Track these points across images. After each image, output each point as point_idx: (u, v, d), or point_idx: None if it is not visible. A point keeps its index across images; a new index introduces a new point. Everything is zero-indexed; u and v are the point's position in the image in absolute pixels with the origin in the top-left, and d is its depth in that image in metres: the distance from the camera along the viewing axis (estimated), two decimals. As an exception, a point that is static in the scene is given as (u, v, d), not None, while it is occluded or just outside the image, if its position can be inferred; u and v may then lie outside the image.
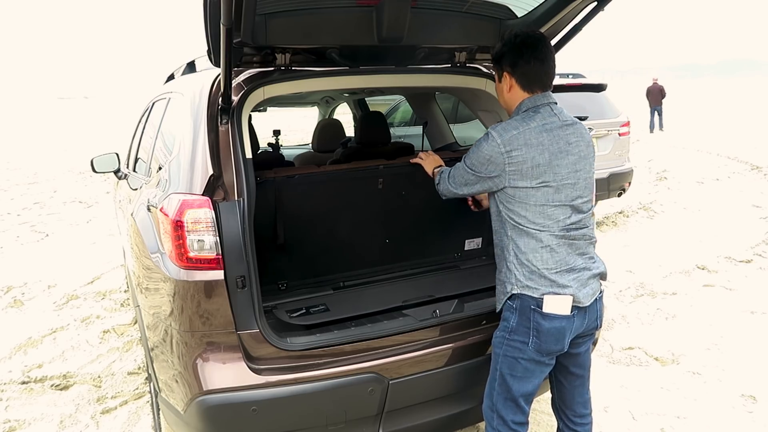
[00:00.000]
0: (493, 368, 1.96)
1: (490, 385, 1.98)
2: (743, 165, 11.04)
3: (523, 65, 1.87)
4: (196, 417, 1.87)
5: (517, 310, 1.87)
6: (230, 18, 1.55)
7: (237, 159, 1.97)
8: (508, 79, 1.91)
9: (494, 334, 1.97)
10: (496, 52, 1.93)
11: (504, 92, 1.95)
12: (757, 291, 4.61)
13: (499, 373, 1.92)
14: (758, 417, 2.90)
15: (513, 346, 1.88)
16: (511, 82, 1.91)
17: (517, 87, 1.90)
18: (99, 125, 24.10)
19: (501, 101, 2.02)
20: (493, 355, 1.96)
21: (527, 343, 1.85)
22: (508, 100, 1.96)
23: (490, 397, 1.97)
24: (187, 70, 2.92)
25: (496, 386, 1.93)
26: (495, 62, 1.95)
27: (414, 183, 2.80)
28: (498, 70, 1.95)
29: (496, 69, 1.96)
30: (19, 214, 8.26)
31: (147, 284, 2.23)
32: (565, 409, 2.12)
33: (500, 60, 1.92)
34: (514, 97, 1.93)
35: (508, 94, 1.94)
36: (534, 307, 1.83)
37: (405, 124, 6.42)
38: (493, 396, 1.95)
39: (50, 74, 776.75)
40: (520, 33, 1.88)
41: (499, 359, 1.92)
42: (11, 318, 4.41)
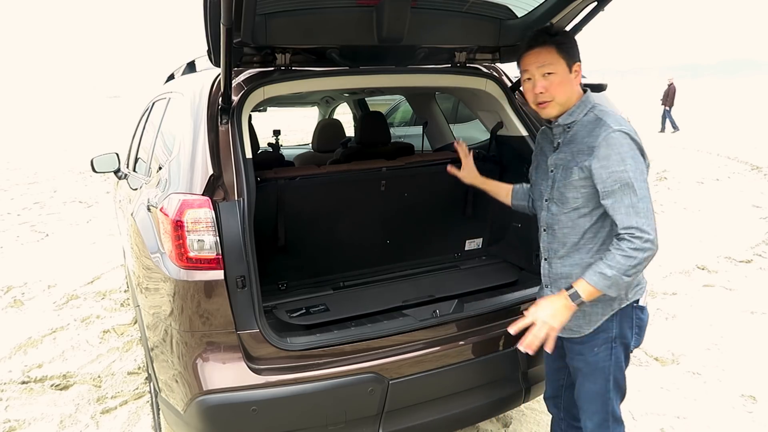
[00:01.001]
0: (603, 382, 1.87)
1: (600, 401, 1.89)
2: (743, 165, 11.04)
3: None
4: (196, 417, 1.87)
5: (618, 315, 1.82)
6: (230, 18, 1.55)
7: (237, 159, 1.98)
8: (578, 69, 1.79)
9: (593, 352, 1.85)
10: (566, 42, 1.79)
11: (573, 84, 1.79)
12: (757, 291, 4.61)
13: (612, 383, 1.87)
14: (758, 417, 2.90)
15: (620, 352, 1.85)
16: (580, 74, 1.80)
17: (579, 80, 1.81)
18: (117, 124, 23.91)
19: (563, 94, 1.79)
20: (601, 373, 1.86)
21: (630, 343, 1.85)
22: (571, 95, 1.80)
23: (603, 411, 1.89)
24: (187, 70, 2.92)
25: (611, 396, 1.88)
26: (566, 50, 1.77)
27: (416, 184, 2.80)
28: (569, 60, 1.77)
29: (566, 58, 1.77)
30: (19, 214, 8.26)
31: (147, 284, 2.23)
32: (572, 410, 2.12)
33: (571, 50, 1.79)
34: (575, 90, 1.81)
35: (576, 87, 1.80)
36: (635, 304, 1.82)
37: (405, 124, 6.42)
38: (609, 406, 1.89)
39: (104, 72, 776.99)
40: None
41: (611, 369, 1.85)
42: (11, 318, 4.41)
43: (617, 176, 1.65)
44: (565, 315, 1.72)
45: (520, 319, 1.80)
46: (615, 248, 1.65)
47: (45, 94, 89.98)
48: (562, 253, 1.86)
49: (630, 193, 1.63)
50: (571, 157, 1.78)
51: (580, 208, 1.77)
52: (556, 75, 1.77)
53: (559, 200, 1.83)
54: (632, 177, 1.64)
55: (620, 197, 1.65)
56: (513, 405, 2.46)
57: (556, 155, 1.86)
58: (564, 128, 1.83)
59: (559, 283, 1.88)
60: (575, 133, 1.80)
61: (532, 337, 1.74)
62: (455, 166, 2.37)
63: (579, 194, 1.76)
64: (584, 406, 1.94)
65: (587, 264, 1.77)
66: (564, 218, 1.82)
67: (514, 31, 2.33)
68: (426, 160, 2.93)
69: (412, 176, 2.78)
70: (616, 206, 1.65)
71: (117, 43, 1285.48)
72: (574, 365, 1.93)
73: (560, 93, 1.78)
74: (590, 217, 1.77)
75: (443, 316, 2.17)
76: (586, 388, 1.91)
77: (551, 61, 1.76)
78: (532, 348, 1.75)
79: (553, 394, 2.17)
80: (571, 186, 1.77)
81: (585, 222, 1.78)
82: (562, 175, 1.81)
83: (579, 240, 1.80)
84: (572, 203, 1.78)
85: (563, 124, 1.82)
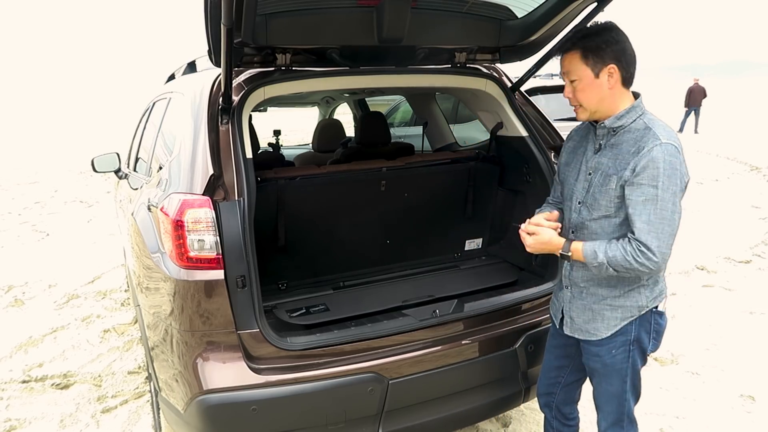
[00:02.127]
0: (620, 383, 1.86)
1: (617, 402, 1.89)
2: (742, 165, 11.04)
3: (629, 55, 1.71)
4: (196, 416, 1.87)
5: (637, 320, 1.82)
6: (231, 18, 1.55)
7: (237, 159, 1.98)
8: (612, 72, 1.70)
9: (610, 354, 1.84)
10: (593, 46, 1.69)
11: (602, 88, 1.71)
12: (756, 291, 4.62)
13: (629, 384, 1.87)
14: (757, 417, 2.91)
15: (636, 355, 1.85)
16: (617, 77, 1.71)
17: (620, 83, 1.72)
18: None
19: (589, 100, 1.74)
20: (618, 374, 1.85)
21: (648, 347, 1.85)
22: (603, 100, 1.73)
23: (619, 411, 1.90)
24: (188, 70, 2.93)
25: (627, 397, 1.88)
26: (592, 55, 1.69)
27: (416, 184, 2.81)
28: (596, 65, 1.69)
29: (591, 63, 1.69)
30: (20, 214, 8.27)
31: (147, 284, 2.23)
32: (564, 410, 2.14)
33: (600, 53, 1.69)
34: (611, 95, 1.72)
35: (610, 90, 1.72)
36: (654, 310, 1.83)
37: (405, 124, 6.43)
38: (624, 407, 1.90)
39: (104, 72, 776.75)
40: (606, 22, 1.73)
41: (628, 372, 1.85)
42: (12, 317, 4.41)
43: (645, 189, 1.62)
44: (549, 251, 1.82)
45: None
46: (622, 244, 1.65)
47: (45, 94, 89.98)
48: None
49: (651, 210, 1.61)
50: (612, 163, 1.73)
51: (611, 217, 1.74)
52: (579, 81, 1.72)
53: (592, 205, 1.78)
54: (660, 195, 1.60)
55: (641, 210, 1.62)
56: (513, 405, 2.47)
57: (597, 158, 1.79)
58: (609, 131, 1.76)
59: (581, 286, 1.87)
60: (621, 137, 1.73)
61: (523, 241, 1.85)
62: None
63: (612, 203, 1.72)
64: (600, 405, 1.96)
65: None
66: (593, 224, 1.79)
67: (514, 32, 2.34)
68: (426, 160, 2.94)
69: (412, 176, 2.78)
70: (635, 218, 1.64)
71: (117, 42, 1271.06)
72: (591, 366, 1.93)
73: (585, 99, 1.74)
74: (619, 226, 1.74)
75: (443, 316, 2.18)
76: (602, 389, 1.92)
77: (573, 68, 1.73)
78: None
79: (546, 391, 2.15)
80: (606, 194, 1.73)
81: (614, 230, 1.75)
82: (599, 181, 1.76)
83: None
84: (604, 210, 1.74)
85: (609, 127, 1.75)
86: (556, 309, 2.02)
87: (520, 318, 2.29)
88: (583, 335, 1.89)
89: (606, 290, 1.81)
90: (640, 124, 1.71)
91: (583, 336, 1.89)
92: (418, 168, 2.81)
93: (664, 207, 1.60)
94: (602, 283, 1.82)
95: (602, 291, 1.82)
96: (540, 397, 2.19)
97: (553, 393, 2.14)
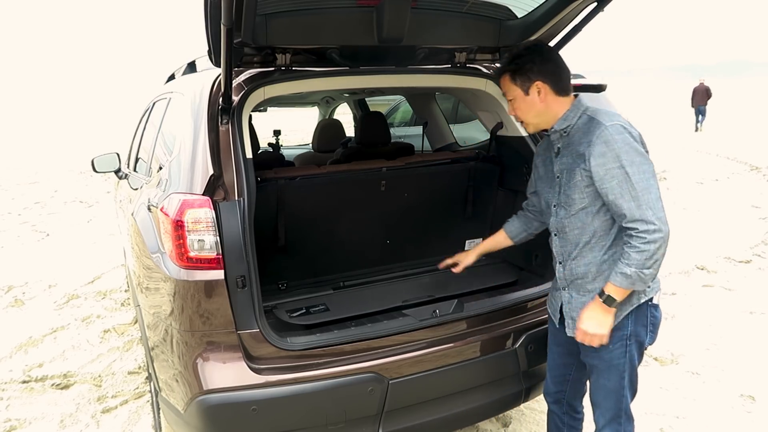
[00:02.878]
0: (618, 379, 1.88)
1: (615, 397, 1.89)
2: (742, 165, 11.05)
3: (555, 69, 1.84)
4: (196, 416, 1.87)
5: (633, 313, 1.83)
6: (231, 18, 1.55)
7: (237, 159, 1.98)
8: (540, 87, 1.83)
9: (607, 349, 1.85)
10: (517, 69, 1.83)
11: (536, 103, 1.85)
12: (756, 291, 4.62)
13: (627, 380, 1.88)
14: (757, 417, 2.91)
15: (634, 349, 1.86)
16: (546, 91, 1.83)
17: (552, 95, 1.84)
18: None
19: (527, 114, 1.88)
20: (616, 370, 1.87)
21: (645, 341, 1.86)
22: (540, 112, 1.86)
23: (616, 408, 1.90)
24: (188, 70, 2.93)
25: (625, 393, 1.90)
26: (519, 76, 1.83)
27: (416, 184, 2.81)
28: (524, 84, 1.83)
29: (520, 83, 1.84)
30: (20, 214, 8.27)
31: (147, 284, 2.23)
32: (575, 403, 2.16)
33: (526, 74, 1.83)
34: (544, 107, 1.85)
35: (543, 104, 1.85)
36: (649, 303, 1.84)
37: (405, 124, 6.43)
38: (622, 403, 1.90)
39: (104, 72, 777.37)
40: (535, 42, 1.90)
41: (626, 366, 1.86)
42: (12, 317, 4.41)
43: (614, 172, 1.69)
44: (609, 319, 1.78)
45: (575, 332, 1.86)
46: (628, 246, 1.69)
47: (45, 94, 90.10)
48: (575, 254, 1.88)
49: (628, 187, 1.67)
50: (572, 160, 1.82)
51: (587, 208, 1.81)
52: (514, 100, 1.89)
53: (566, 203, 1.85)
54: (629, 170, 1.67)
55: (619, 192, 1.68)
56: (513, 405, 2.47)
57: (559, 161, 1.89)
58: (561, 133, 1.88)
59: (576, 284, 1.89)
60: (572, 136, 1.84)
61: (589, 344, 1.83)
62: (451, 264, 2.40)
63: (584, 194, 1.79)
64: (597, 401, 1.96)
65: (602, 261, 1.82)
66: (573, 220, 1.85)
67: (514, 32, 2.34)
68: (426, 160, 2.93)
69: (412, 176, 2.78)
70: (618, 202, 1.69)
71: (117, 42, 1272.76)
72: (589, 362, 1.94)
73: (524, 115, 1.90)
74: (598, 216, 1.80)
75: (443, 316, 2.18)
76: (600, 385, 1.92)
77: (507, 89, 1.90)
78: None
79: (555, 389, 2.17)
80: (575, 188, 1.81)
81: (594, 221, 1.81)
82: (566, 179, 1.84)
83: (590, 239, 1.83)
84: (579, 204, 1.81)
85: (559, 130, 1.87)
86: (555, 308, 2.04)
87: (520, 318, 2.29)
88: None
89: (601, 282, 1.84)
90: (584, 119, 1.83)
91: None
92: (418, 168, 2.81)
93: (638, 179, 1.67)
94: (598, 279, 1.84)
95: (598, 284, 1.84)
96: (549, 395, 2.21)
97: (563, 390, 2.16)
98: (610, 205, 1.73)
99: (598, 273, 1.84)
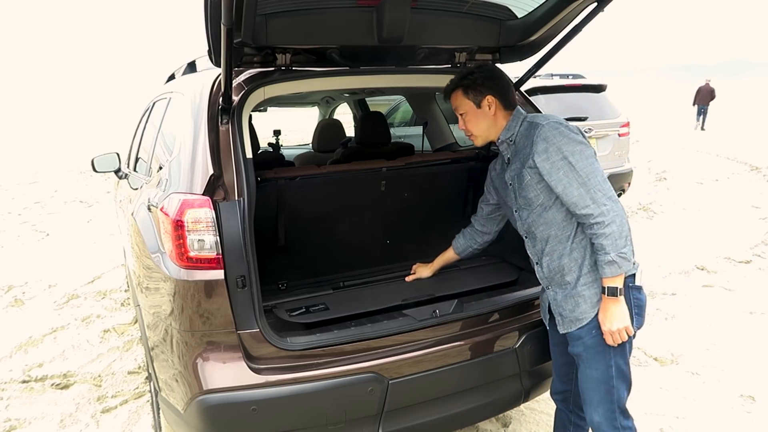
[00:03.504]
0: (604, 367, 1.88)
1: (604, 388, 1.89)
2: (742, 165, 11.04)
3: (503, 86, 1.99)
4: (196, 416, 1.87)
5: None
6: (231, 18, 1.55)
7: (237, 159, 1.98)
8: (491, 101, 1.97)
9: (591, 335, 1.88)
10: (470, 83, 1.97)
11: (487, 116, 1.98)
12: (757, 291, 4.62)
13: (615, 369, 1.88)
14: (757, 417, 2.91)
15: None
16: (495, 105, 1.98)
17: (501, 109, 1.99)
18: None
19: (478, 127, 2.01)
20: (601, 357, 1.87)
21: (633, 324, 1.85)
22: (490, 124, 1.99)
23: (608, 401, 1.89)
24: (188, 70, 2.93)
25: (614, 383, 1.88)
26: (471, 90, 1.97)
27: (416, 184, 2.81)
28: (477, 98, 1.97)
29: (472, 97, 1.97)
30: (19, 214, 8.27)
31: (147, 284, 2.23)
32: (578, 401, 2.15)
33: (478, 88, 1.96)
34: (495, 119, 1.99)
35: (494, 117, 1.99)
36: (630, 284, 1.84)
37: (405, 124, 6.43)
38: (613, 394, 1.89)
39: (104, 71, 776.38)
40: (480, 65, 2.04)
41: (611, 353, 1.86)
42: (12, 317, 4.41)
43: (558, 164, 1.80)
44: (623, 308, 1.82)
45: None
46: (595, 238, 1.78)
47: (45, 94, 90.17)
48: (547, 250, 1.94)
49: (575, 175, 1.78)
50: (520, 165, 1.94)
51: (544, 203, 1.90)
52: (467, 114, 2.00)
53: (526, 204, 1.96)
54: (571, 159, 1.79)
55: (567, 181, 1.79)
56: (513, 405, 2.47)
57: (509, 168, 2.02)
58: (508, 143, 2.00)
59: (556, 279, 1.94)
60: (518, 143, 1.97)
61: (621, 341, 1.84)
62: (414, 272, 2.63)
63: (538, 191, 1.90)
64: (588, 397, 1.93)
65: (571, 250, 1.89)
66: (536, 218, 1.94)
67: (515, 32, 2.34)
68: (426, 160, 2.93)
69: (412, 176, 2.78)
70: (568, 191, 1.80)
71: (117, 42, 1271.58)
72: (575, 352, 1.95)
73: (475, 127, 2.00)
74: (556, 208, 1.88)
75: (443, 315, 2.18)
76: (587, 376, 1.92)
77: (459, 104, 2.01)
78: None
79: (562, 388, 2.19)
80: (528, 187, 1.92)
81: (554, 214, 1.89)
82: (519, 183, 1.96)
83: (557, 231, 1.90)
84: (536, 201, 1.92)
85: (505, 140, 2.00)
86: (544, 311, 2.10)
87: (520, 318, 2.29)
88: (575, 325, 1.91)
89: (576, 271, 1.89)
90: (525, 125, 1.96)
91: (575, 325, 1.92)
92: (418, 168, 2.81)
93: (581, 166, 1.78)
94: (571, 268, 1.89)
95: (574, 274, 1.89)
96: (556, 393, 2.22)
97: (569, 389, 2.17)
98: (561, 196, 1.82)
99: (571, 263, 1.90)
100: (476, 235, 2.43)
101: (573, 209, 1.81)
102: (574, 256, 1.89)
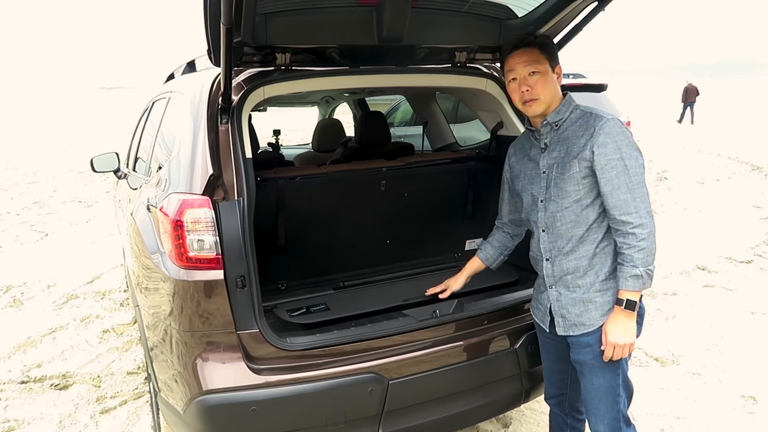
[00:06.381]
0: (612, 375, 1.86)
1: (611, 397, 1.87)
2: (743, 165, 11.04)
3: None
4: (195, 417, 1.87)
5: None
6: (230, 17, 1.55)
7: (237, 159, 1.97)
8: (559, 72, 1.91)
9: (601, 343, 1.84)
10: (549, 44, 1.90)
11: (556, 84, 1.88)
12: (758, 291, 4.61)
13: (622, 377, 1.87)
14: (758, 418, 2.90)
15: None
16: (560, 77, 1.91)
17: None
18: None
19: (548, 92, 1.85)
20: (611, 365, 1.84)
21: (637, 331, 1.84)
22: (555, 94, 1.88)
23: (614, 410, 1.87)
24: (187, 69, 2.92)
25: (621, 392, 1.88)
26: (549, 52, 1.87)
27: (416, 184, 2.80)
28: (552, 61, 1.87)
29: (549, 58, 1.86)
30: (18, 214, 8.26)
31: (147, 284, 2.23)
32: (577, 405, 2.15)
33: (554, 52, 1.90)
34: (558, 91, 1.90)
35: (557, 88, 1.89)
36: None
37: (405, 124, 6.43)
38: (619, 404, 1.88)
39: (93, 64, 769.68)
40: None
41: (620, 361, 1.84)
42: (10, 317, 4.40)
43: (613, 163, 1.74)
44: (634, 325, 1.79)
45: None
46: (626, 248, 1.73)
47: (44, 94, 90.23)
48: (567, 248, 1.87)
49: (626, 179, 1.73)
50: (565, 153, 1.83)
51: (582, 200, 1.81)
52: (541, 74, 1.84)
53: (558, 196, 1.85)
54: (627, 163, 1.73)
55: (617, 183, 1.73)
56: (513, 405, 2.46)
57: (547, 155, 1.90)
58: (552, 126, 1.89)
59: (566, 280, 1.89)
60: (565, 130, 1.86)
61: (621, 356, 1.81)
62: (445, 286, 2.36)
63: (580, 186, 1.80)
64: (594, 406, 1.90)
65: (593, 254, 1.83)
66: (567, 213, 1.84)
67: (515, 31, 2.32)
68: (426, 160, 2.93)
69: (412, 176, 2.78)
70: (614, 193, 1.73)
71: (117, 42, 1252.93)
72: (582, 359, 1.89)
73: (545, 91, 1.85)
74: (593, 208, 1.81)
75: (443, 316, 2.17)
76: (594, 384, 1.88)
77: (537, 60, 1.84)
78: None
79: (556, 393, 2.17)
80: (572, 179, 1.81)
81: (589, 213, 1.82)
82: (559, 172, 1.85)
83: (585, 232, 1.83)
84: (574, 196, 1.82)
85: (551, 122, 1.88)
86: (542, 313, 2.02)
87: (520, 318, 2.28)
88: (578, 329, 1.88)
89: (592, 276, 1.84)
90: (577, 113, 1.86)
91: (579, 330, 1.88)
92: (418, 168, 2.81)
93: (634, 173, 1.74)
94: (588, 273, 1.84)
95: (589, 279, 1.84)
96: (550, 398, 2.20)
97: (563, 393, 2.15)
98: (605, 196, 1.76)
99: (589, 267, 1.84)
100: (506, 240, 2.26)
101: (613, 212, 1.74)
102: (595, 262, 1.83)
